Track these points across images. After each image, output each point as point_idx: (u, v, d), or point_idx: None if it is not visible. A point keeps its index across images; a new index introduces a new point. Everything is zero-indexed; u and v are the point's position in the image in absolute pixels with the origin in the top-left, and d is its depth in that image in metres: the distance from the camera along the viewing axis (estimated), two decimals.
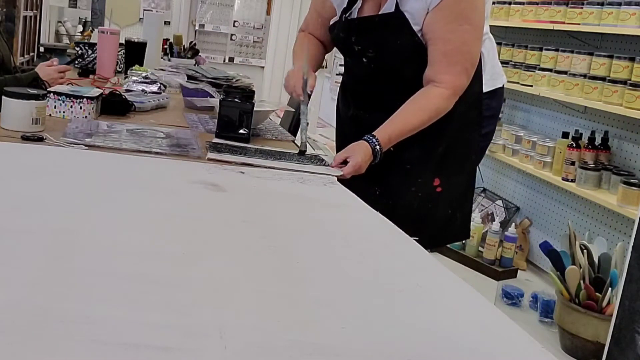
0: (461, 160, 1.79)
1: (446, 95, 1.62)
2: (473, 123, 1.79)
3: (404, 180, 1.73)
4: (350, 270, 0.91)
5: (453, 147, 1.74)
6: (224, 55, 7.86)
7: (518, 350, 0.74)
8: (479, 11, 1.63)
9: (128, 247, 0.87)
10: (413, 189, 1.72)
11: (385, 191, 1.74)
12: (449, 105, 1.62)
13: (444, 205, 1.77)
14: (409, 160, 1.72)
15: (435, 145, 1.71)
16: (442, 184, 1.74)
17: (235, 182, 1.28)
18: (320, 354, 0.65)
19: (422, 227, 1.74)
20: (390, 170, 1.73)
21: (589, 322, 2.61)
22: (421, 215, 1.74)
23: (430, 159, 1.73)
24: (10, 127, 1.47)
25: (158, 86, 2.27)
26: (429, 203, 1.74)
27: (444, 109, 1.62)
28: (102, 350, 0.60)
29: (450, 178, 1.76)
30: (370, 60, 1.72)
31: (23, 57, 5.71)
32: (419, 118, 1.62)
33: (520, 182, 3.92)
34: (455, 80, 1.62)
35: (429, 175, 1.73)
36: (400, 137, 1.62)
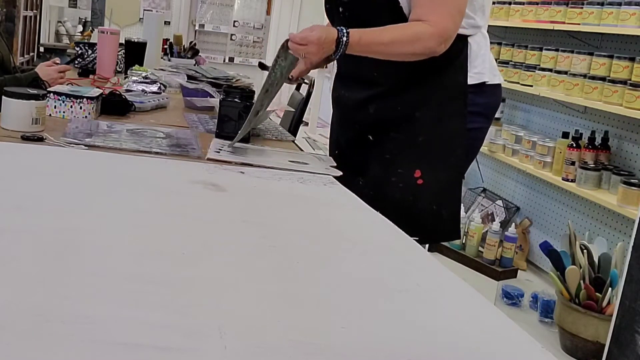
0: (444, 153, 1.72)
1: (430, 31, 1.54)
2: (456, 114, 1.71)
3: (385, 170, 1.70)
4: (350, 270, 0.91)
5: (434, 138, 1.69)
6: (224, 55, 7.86)
7: (518, 350, 0.74)
8: None
9: (128, 247, 0.87)
10: (393, 179, 1.68)
11: (367, 181, 1.72)
12: (432, 44, 1.55)
13: (427, 200, 1.71)
14: (389, 149, 1.70)
15: (414, 134, 1.68)
16: (423, 176, 1.69)
17: (235, 182, 1.28)
18: (320, 354, 0.65)
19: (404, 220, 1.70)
20: (372, 160, 1.71)
21: (589, 322, 2.61)
22: (403, 208, 1.69)
23: (409, 148, 1.69)
24: (10, 127, 1.47)
25: (158, 86, 2.27)
26: (410, 195, 1.70)
27: (426, 41, 1.54)
28: (102, 350, 0.60)
29: (433, 171, 1.70)
30: (344, 9, 1.68)
31: (23, 57, 5.71)
32: (396, 34, 1.55)
33: (520, 182, 3.93)
34: (441, 20, 1.55)
35: (409, 166, 1.69)
36: (372, 45, 1.54)
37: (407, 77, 1.68)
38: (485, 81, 1.74)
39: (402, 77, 1.68)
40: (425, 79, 1.68)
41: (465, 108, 1.72)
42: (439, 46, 1.56)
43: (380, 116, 1.71)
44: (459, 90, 1.71)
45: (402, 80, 1.68)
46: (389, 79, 1.69)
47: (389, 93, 1.69)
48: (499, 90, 1.84)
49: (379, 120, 1.71)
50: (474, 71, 1.72)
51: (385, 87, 1.70)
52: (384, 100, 1.70)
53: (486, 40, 1.79)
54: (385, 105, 1.70)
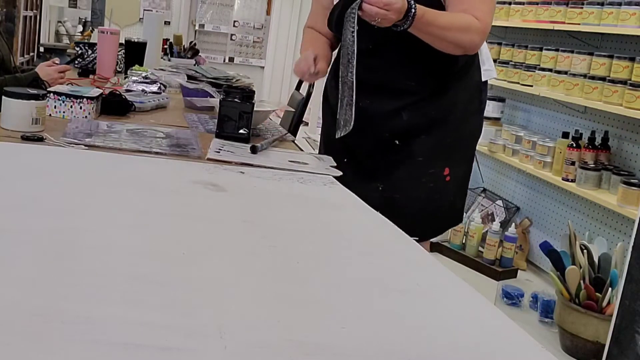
0: (466, 149, 1.80)
1: (478, 25, 1.56)
2: (475, 112, 1.79)
3: (414, 172, 1.71)
4: (350, 270, 0.91)
5: (459, 136, 1.75)
6: (224, 55, 7.86)
7: (518, 350, 0.74)
8: None
9: (128, 247, 0.87)
10: (424, 179, 1.71)
11: (390, 186, 1.73)
12: (477, 38, 1.57)
13: (449, 194, 1.78)
14: (420, 152, 1.71)
15: (445, 135, 1.71)
16: (451, 174, 1.75)
17: (235, 182, 1.28)
18: (320, 354, 0.65)
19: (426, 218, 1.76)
20: (398, 164, 1.71)
21: (589, 322, 2.61)
22: (427, 206, 1.74)
23: (440, 149, 1.72)
24: (10, 127, 1.47)
25: (158, 86, 2.27)
26: (437, 193, 1.74)
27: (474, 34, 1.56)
28: (102, 350, 0.60)
29: (458, 167, 1.77)
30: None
31: (23, 57, 5.71)
32: (451, 20, 1.55)
33: (520, 182, 3.93)
34: (485, 17, 1.56)
35: (440, 166, 1.73)
36: (430, 25, 1.52)
37: (441, 83, 1.70)
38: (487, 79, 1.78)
39: (437, 83, 1.69)
40: (455, 81, 1.71)
41: (480, 105, 1.78)
42: (481, 42, 1.59)
43: (413, 123, 1.71)
44: (477, 89, 1.76)
45: (436, 87, 1.70)
46: (425, 87, 1.69)
47: (423, 100, 1.70)
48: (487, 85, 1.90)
49: (412, 126, 1.72)
50: (484, 68, 1.76)
51: (420, 95, 1.70)
52: (419, 107, 1.70)
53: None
54: (419, 112, 1.71)
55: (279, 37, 7.78)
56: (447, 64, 1.68)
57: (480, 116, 1.82)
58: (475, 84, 1.76)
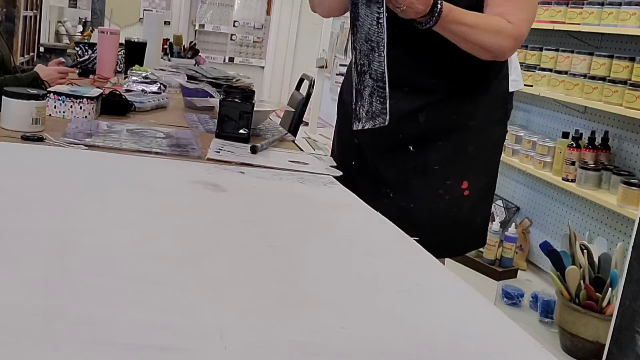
0: (487, 161, 1.67)
1: (510, 30, 1.46)
2: (500, 123, 1.68)
3: (430, 182, 1.59)
4: (350, 270, 0.91)
5: (480, 146, 1.63)
6: (224, 55, 7.86)
7: (518, 350, 0.74)
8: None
9: (128, 247, 0.87)
10: (440, 191, 1.58)
11: (401, 193, 1.61)
12: (507, 43, 1.47)
13: (467, 210, 1.64)
14: (436, 160, 1.59)
15: (465, 144, 1.60)
16: (469, 187, 1.62)
17: (235, 182, 1.28)
18: (320, 354, 0.65)
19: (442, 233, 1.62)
20: (412, 172, 1.60)
21: (589, 322, 2.61)
22: (444, 220, 1.61)
23: (459, 159, 1.60)
24: (10, 127, 1.47)
25: (158, 86, 2.27)
26: (454, 207, 1.61)
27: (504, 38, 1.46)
28: (102, 350, 0.60)
29: (477, 181, 1.64)
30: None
31: (23, 57, 5.71)
32: (480, 20, 1.45)
33: (520, 182, 3.93)
34: (520, 24, 1.47)
35: (458, 178, 1.60)
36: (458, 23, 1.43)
37: (464, 84, 1.59)
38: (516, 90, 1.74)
39: (461, 83, 1.59)
40: (479, 85, 1.61)
41: (506, 116, 1.69)
42: (510, 50, 1.50)
43: (430, 126, 1.60)
44: (502, 98, 1.66)
45: (459, 88, 1.59)
46: (447, 86, 1.58)
47: (443, 101, 1.59)
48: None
49: (428, 130, 1.60)
50: (511, 78, 1.68)
51: (441, 95, 1.58)
52: (438, 108, 1.59)
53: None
54: (438, 114, 1.59)
55: (279, 37, 7.78)
56: (475, 64, 1.55)
57: (504, 128, 1.71)
58: (501, 93, 1.65)
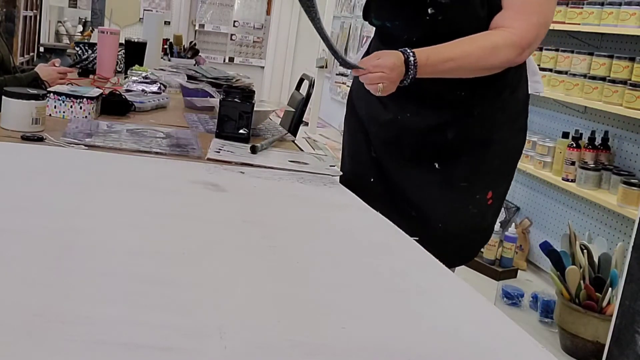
0: (509, 170, 1.62)
1: (511, 40, 1.37)
2: (521, 130, 1.60)
3: (456, 199, 1.54)
4: (351, 270, 0.91)
5: (506, 156, 1.58)
6: (224, 55, 7.87)
7: (518, 350, 0.74)
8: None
9: (128, 247, 0.87)
10: (470, 206, 1.54)
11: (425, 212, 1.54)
12: (510, 55, 1.38)
13: (490, 217, 1.62)
14: (463, 176, 1.53)
15: (491, 158, 1.54)
16: (493, 197, 1.58)
17: (235, 182, 1.28)
18: (320, 354, 0.65)
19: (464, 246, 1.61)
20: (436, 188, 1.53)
21: (589, 322, 2.61)
22: (471, 234, 1.59)
23: (486, 173, 1.55)
24: (10, 127, 1.47)
25: (158, 86, 2.27)
26: (478, 217, 1.57)
27: (504, 52, 1.37)
28: (102, 350, 0.60)
29: (499, 189, 1.61)
30: (437, 10, 1.42)
31: (23, 57, 5.71)
32: (467, 48, 1.37)
33: (520, 182, 3.92)
34: (527, 30, 1.37)
35: (485, 190, 1.56)
36: (442, 61, 1.36)
37: (494, 94, 1.51)
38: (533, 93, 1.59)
39: (491, 94, 1.50)
40: (507, 93, 1.52)
41: (526, 122, 1.61)
42: (518, 57, 1.41)
43: (457, 141, 1.52)
44: (524, 104, 1.58)
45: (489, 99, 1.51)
46: (476, 99, 1.50)
47: (471, 115, 1.51)
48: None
49: (455, 145, 1.52)
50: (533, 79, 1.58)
51: (469, 109, 1.50)
52: (465, 123, 1.51)
53: None
54: (465, 128, 1.51)
55: (279, 37, 7.78)
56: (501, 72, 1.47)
57: (524, 133, 1.62)
58: (523, 98, 1.57)
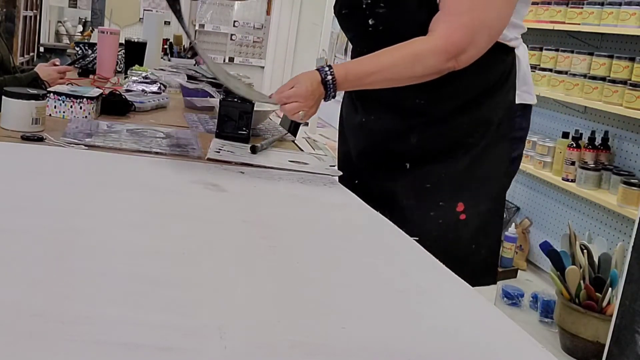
0: (489, 181, 1.45)
1: (434, 45, 1.27)
2: (503, 139, 1.45)
3: (423, 203, 1.43)
4: (351, 270, 0.91)
5: (480, 164, 1.43)
6: (224, 55, 7.86)
7: (518, 350, 0.74)
8: None
9: (128, 247, 0.87)
10: (432, 213, 1.41)
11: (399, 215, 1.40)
12: (434, 62, 1.29)
13: (467, 237, 1.44)
14: (428, 178, 1.43)
15: (459, 161, 1.42)
16: (466, 210, 1.42)
17: (235, 182, 1.28)
18: (320, 354, 0.65)
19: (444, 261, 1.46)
20: (404, 190, 1.45)
21: (589, 322, 2.61)
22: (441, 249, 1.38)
23: (453, 178, 1.42)
24: (10, 127, 1.47)
25: (158, 86, 2.27)
26: (450, 233, 1.41)
27: (427, 60, 1.29)
28: (102, 350, 0.60)
29: (476, 203, 1.44)
30: (377, 20, 1.39)
31: (23, 57, 5.72)
32: (388, 59, 1.30)
33: (520, 182, 3.92)
34: (452, 33, 1.27)
35: (451, 198, 1.42)
36: (362, 76, 1.31)
37: (459, 102, 1.41)
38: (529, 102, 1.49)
39: (454, 102, 1.41)
40: (479, 100, 1.42)
41: (511, 132, 1.46)
42: (449, 62, 1.30)
43: (423, 146, 1.45)
44: (508, 112, 1.45)
45: (452, 106, 1.42)
46: (436, 106, 1.42)
47: (435, 123, 1.43)
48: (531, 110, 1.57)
49: (422, 149, 1.45)
50: (522, 89, 1.46)
51: (431, 116, 1.43)
52: (430, 128, 1.43)
53: (525, 52, 1.50)
54: (431, 133, 1.44)
55: (279, 37, 7.78)
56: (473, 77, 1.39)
57: (512, 145, 1.47)
58: (506, 107, 1.44)
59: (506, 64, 1.42)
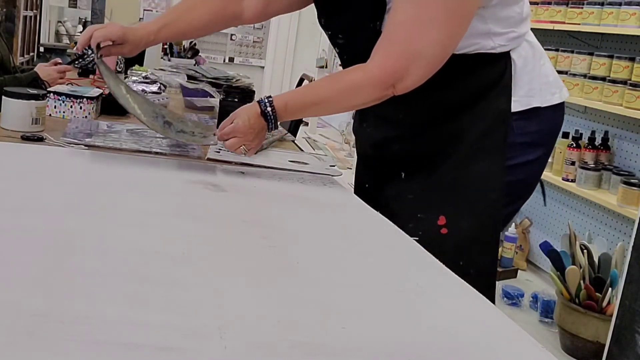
0: (475, 196, 1.38)
1: (371, 76, 1.27)
2: (494, 150, 1.38)
3: (404, 213, 1.40)
4: (350, 270, 0.91)
5: (465, 177, 1.38)
6: (224, 55, 7.86)
7: (518, 350, 0.74)
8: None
9: (128, 247, 0.87)
10: (411, 225, 1.36)
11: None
12: (374, 92, 1.29)
13: (453, 254, 1.35)
14: (410, 189, 1.42)
15: (441, 172, 1.39)
16: (448, 225, 1.38)
17: (235, 182, 1.28)
18: (320, 354, 0.65)
19: None
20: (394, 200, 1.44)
21: (589, 322, 2.61)
22: None
23: (433, 189, 1.40)
24: (10, 127, 1.47)
25: (158, 86, 2.27)
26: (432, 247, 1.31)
27: (366, 90, 1.29)
28: (102, 350, 0.60)
29: (460, 218, 1.38)
30: (339, 49, 1.43)
31: (23, 57, 5.72)
32: (328, 91, 1.32)
33: None
34: (386, 63, 1.26)
35: (431, 211, 1.39)
36: (302, 107, 1.34)
37: (437, 114, 1.40)
38: (537, 105, 1.40)
39: (435, 115, 1.40)
40: (462, 109, 1.38)
41: (504, 142, 1.38)
42: (384, 92, 1.28)
43: (407, 154, 1.45)
44: (500, 120, 1.37)
45: (430, 118, 1.41)
46: (417, 118, 1.42)
47: (417, 134, 1.43)
48: (559, 110, 1.47)
49: (406, 158, 1.45)
50: (520, 94, 1.38)
51: (412, 128, 1.43)
52: (412, 138, 1.44)
53: (534, 49, 1.42)
54: (413, 142, 1.44)
55: (279, 37, 7.78)
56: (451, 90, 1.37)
57: (502, 157, 1.38)
58: (497, 114, 1.37)
59: (494, 71, 1.37)
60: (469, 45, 1.34)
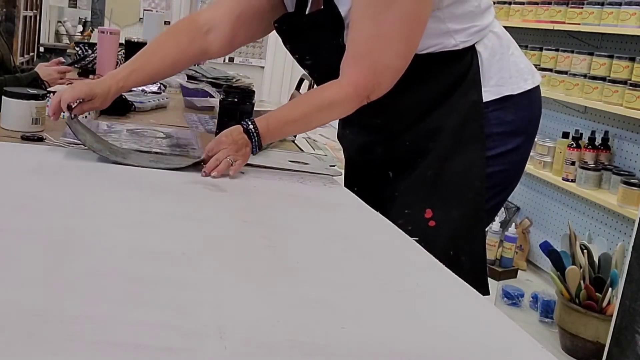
0: (459, 187, 1.43)
1: (345, 92, 1.34)
2: (472, 140, 1.42)
3: (393, 210, 1.43)
4: (350, 270, 0.91)
5: (447, 170, 1.42)
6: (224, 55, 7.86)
7: (518, 350, 0.74)
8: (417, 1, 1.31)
9: (128, 247, 0.87)
10: (400, 221, 1.35)
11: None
12: (350, 106, 1.36)
13: (443, 245, 1.41)
14: (398, 186, 1.47)
15: (424, 167, 1.43)
16: (435, 217, 1.42)
17: (235, 182, 1.28)
18: (320, 354, 0.65)
19: None
20: (383, 198, 1.48)
21: (589, 322, 2.61)
22: None
23: (418, 185, 1.44)
24: (10, 127, 1.47)
25: (158, 86, 2.27)
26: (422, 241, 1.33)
27: (342, 105, 1.36)
28: (102, 350, 0.60)
29: (447, 210, 1.42)
30: (311, 69, 1.52)
31: (23, 57, 5.72)
32: (307, 105, 1.38)
33: (520, 182, 3.93)
34: (358, 77, 1.33)
35: (418, 205, 1.43)
36: (283, 125, 1.38)
37: (416, 113, 1.45)
38: (509, 94, 1.43)
39: (411, 116, 1.45)
40: (435, 106, 1.43)
41: (482, 132, 1.42)
42: (360, 104, 1.36)
43: (390, 155, 1.51)
44: (473, 111, 1.42)
45: (407, 121, 1.46)
46: (395, 121, 1.47)
47: (395, 135, 1.49)
48: (535, 96, 1.48)
49: (391, 159, 1.51)
50: (491, 83, 1.42)
51: (391, 132, 1.49)
52: (392, 140, 1.50)
53: (501, 39, 1.46)
54: (394, 144, 1.49)
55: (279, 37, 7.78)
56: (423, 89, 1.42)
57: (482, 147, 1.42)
58: (470, 106, 1.41)
59: (461, 65, 1.41)
60: (431, 46, 1.39)
